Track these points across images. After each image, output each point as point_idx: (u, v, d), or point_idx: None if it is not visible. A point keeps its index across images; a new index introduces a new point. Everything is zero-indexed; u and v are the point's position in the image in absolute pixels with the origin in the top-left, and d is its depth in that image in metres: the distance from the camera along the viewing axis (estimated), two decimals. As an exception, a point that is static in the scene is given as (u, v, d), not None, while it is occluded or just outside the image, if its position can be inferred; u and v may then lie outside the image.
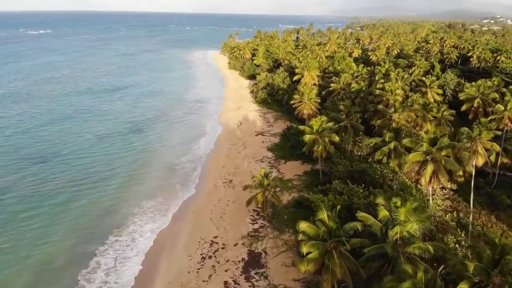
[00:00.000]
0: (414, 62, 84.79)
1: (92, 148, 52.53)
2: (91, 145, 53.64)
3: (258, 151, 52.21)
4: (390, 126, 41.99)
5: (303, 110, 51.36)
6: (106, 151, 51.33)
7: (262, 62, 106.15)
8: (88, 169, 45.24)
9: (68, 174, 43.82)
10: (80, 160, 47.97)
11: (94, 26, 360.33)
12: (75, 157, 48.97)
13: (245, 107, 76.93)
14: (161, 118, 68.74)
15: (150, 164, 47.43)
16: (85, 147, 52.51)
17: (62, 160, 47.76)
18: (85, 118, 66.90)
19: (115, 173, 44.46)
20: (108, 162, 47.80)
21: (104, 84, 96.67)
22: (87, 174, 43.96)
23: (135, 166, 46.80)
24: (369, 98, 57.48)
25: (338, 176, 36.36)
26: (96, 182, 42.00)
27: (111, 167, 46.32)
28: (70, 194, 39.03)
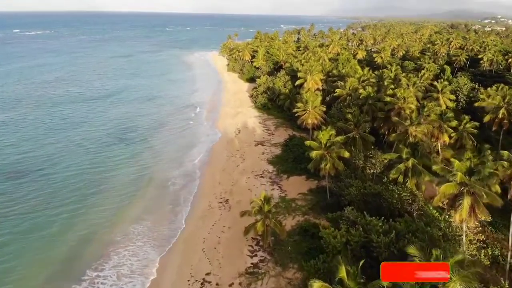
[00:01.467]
0: (423, 65, 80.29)
1: (76, 161, 47.93)
2: (76, 157, 49.02)
3: (257, 164, 47.65)
4: (406, 140, 37.43)
5: (307, 120, 46.84)
6: (91, 165, 46.72)
7: (262, 64, 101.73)
8: (68, 187, 40.64)
9: (44, 192, 39.21)
10: (60, 176, 43.36)
11: (92, 27, 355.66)
12: (56, 172, 44.36)
13: (244, 113, 72.37)
14: (153, 126, 64.10)
15: (139, 180, 42.82)
16: (68, 160, 47.89)
17: (40, 176, 43.14)
18: (74, 126, 62.11)
19: (98, 191, 39.90)
20: (92, 177, 43.21)
21: (97, 88, 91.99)
22: (67, 193, 39.38)
23: (121, 182, 42.19)
24: (378, 105, 53.04)
25: (349, 200, 31.80)
26: (76, 203, 37.42)
27: (94, 183, 41.75)
28: (43, 218, 34.44)
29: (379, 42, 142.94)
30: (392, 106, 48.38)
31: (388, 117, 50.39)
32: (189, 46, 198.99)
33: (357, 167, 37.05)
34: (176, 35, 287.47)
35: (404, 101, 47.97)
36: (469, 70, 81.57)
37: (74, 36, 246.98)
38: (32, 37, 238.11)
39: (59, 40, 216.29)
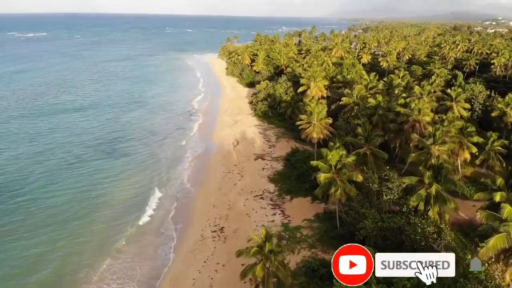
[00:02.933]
0: (433, 70, 75.79)
1: (56, 179, 43.18)
2: (57, 175, 44.25)
3: (257, 182, 42.98)
4: (428, 161, 32.82)
5: (312, 134, 42.23)
6: (72, 185, 41.95)
7: (262, 68, 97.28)
8: (44, 212, 35.93)
9: (17, 219, 34.47)
10: (36, 198, 38.63)
11: (90, 29, 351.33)
12: (31, 193, 39.62)
13: (243, 122, 67.78)
14: (144, 136, 59.39)
15: (121, 204, 38.07)
16: (47, 179, 43.12)
17: (12, 197, 38.39)
18: (60, 138, 57.03)
19: (71, 217, 35.13)
20: (71, 200, 38.51)
21: (88, 95, 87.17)
22: (42, 219, 34.68)
23: (102, 206, 37.45)
24: (389, 116, 48.53)
25: (364, 235, 27.16)
26: (49, 233, 32.73)
27: (74, 208, 37.04)
28: (10, 252, 29.73)
29: (383, 45, 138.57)
30: (406, 119, 43.82)
31: (401, 129, 46.01)
32: (188, 48, 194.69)
33: (371, 191, 32.40)
34: (174, 37, 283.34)
35: (419, 113, 43.42)
36: (482, 76, 77.05)
37: (71, 39, 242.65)
38: (28, 39, 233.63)
39: (55, 43, 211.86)
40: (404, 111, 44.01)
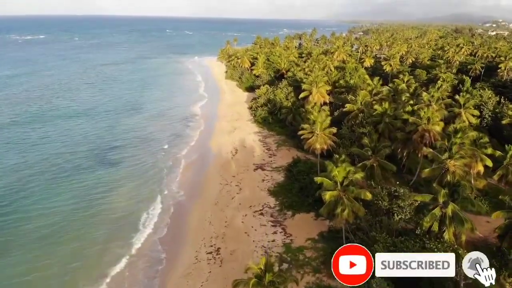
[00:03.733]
0: (438, 75, 73.35)
1: (42, 194, 40.55)
2: (44, 189, 41.60)
3: (257, 195, 40.42)
4: (443, 177, 30.25)
5: (315, 145, 39.67)
6: (57, 202, 39.22)
7: (262, 72, 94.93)
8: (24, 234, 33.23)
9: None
10: (18, 217, 36.04)
11: (90, 31, 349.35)
12: (15, 211, 37.10)
13: (242, 128, 65.28)
14: (139, 144, 56.82)
15: (112, 221, 35.48)
16: (33, 193, 40.56)
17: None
18: (52, 147, 54.21)
19: (62, 239, 32.59)
20: (55, 219, 35.87)
21: (84, 100, 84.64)
22: (24, 241, 32.12)
23: (91, 225, 34.83)
24: (396, 124, 46.06)
25: (375, 262, 24.50)
26: (32, 253, 30.15)
27: (57, 228, 34.41)
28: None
29: (385, 48, 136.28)
30: (415, 128, 41.30)
31: (409, 139, 43.52)
32: (187, 51, 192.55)
33: (381, 209, 29.83)
34: (174, 39, 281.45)
35: (428, 122, 40.92)
36: (489, 81, 74.57)
37: (69, 41, 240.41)
38: (25, 42, 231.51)
39: (53, 45, 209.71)
40: (413, 120, 41.49)
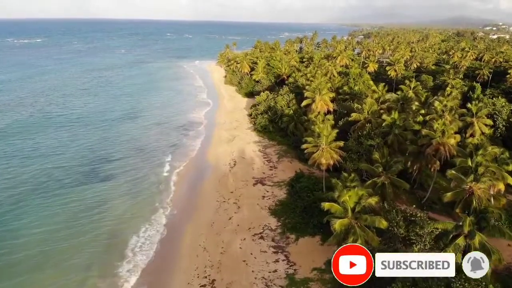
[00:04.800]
0: (446, 81, 70.15)
1: (21, 214, 37.21)
2: (21, 209, 38.24)
3: (256, 215, 37.00)
4: (468, 203, 26.85)
5: (321, 160, 36.31)
6: (39, 222, 35.82)
7: (262, 77, 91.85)
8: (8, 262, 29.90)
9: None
10: None
11: (89, 35, 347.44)
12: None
13: (241, 137, 61.98)
14: (132, 155, 53.49)
15: (96, 246, 32.10)
16: (10, 214, 37.07)
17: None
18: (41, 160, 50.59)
19: (42, 267, 29.19)
20: (36, 242, 32.54)
21: (77, 107, 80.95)
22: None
23: (73, 250, 31.41)
24: (406, 135, 42.76)
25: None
26: (6, 282, 26.74)
27: (36, 252, 31.07)
28: None
29: (388, 52, 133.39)
30: (428, 141, 37.99)
31: (421, 152, 40.21)
32: (187, 54, 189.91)
33: (396, 237, 26.42)
34: (174, 43, 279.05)
35: (442, 135, 37.61)
36: (499, 87, 71.34)
37: (67, 45, 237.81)
38: (24, 45, 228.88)
39: (51, 49, 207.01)
40: (426, 132, 38.18)
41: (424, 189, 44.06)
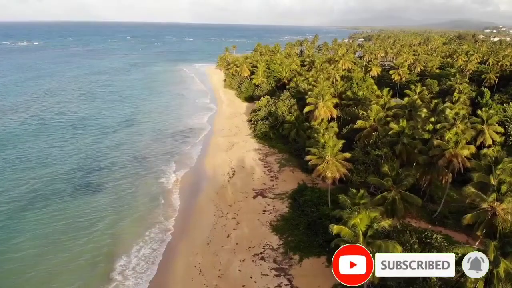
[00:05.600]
0: (453, 86, 67.77)
1: (5, 230, 34.72)
2: (5, 225, 35.79)
3: (257, 232, 34.42)
4: (491, 225, 24.28)
5: (326, 173, 33.77)
6: (24, 239, 33.45)
7: (262, 81, 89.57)
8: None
9: None
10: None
11: (88, 37, 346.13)
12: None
13: (241, 145, 59.53)
14: (126, 164, 50.96)
15: (82, 266, 29.50)
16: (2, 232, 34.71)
17: None
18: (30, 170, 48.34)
19: None
20: (19, 259, 30.00)
21: (72, 113, 78.44)
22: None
23: (58, 271, 28.88)
24: (416, 144, 40.28)
25: None
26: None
27: (18, 271, 28.50)
28: None
29: (390, 55, 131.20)
30: (440, 152, 35.52)
31: (432, 163, 37.73)
32: (186, 57, 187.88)
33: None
34: (174, 46, 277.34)
35: (455, 146, 35.16)
36: (508, 92, 68.94)
37: (66, 48, 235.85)
38: (23, 48, 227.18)
39: (49, 52, 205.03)
40: (438, 143, 35.70)
41: (434, 201, 41.57)
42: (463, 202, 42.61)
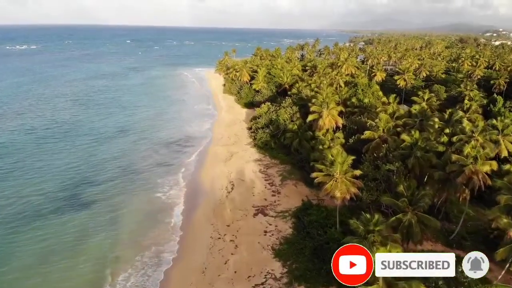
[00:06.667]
0: (463, 92, 64.72)
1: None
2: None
3: (257, 257, 31.13)
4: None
5: (335, 192, 30.51)
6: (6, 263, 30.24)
7: (262, 87, 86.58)
8: None
9: None
10: None
11: (87, 41, 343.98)
12: None
13: (240, 155, 56.38)
14: (118, 177, 47.76)
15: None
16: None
17: None
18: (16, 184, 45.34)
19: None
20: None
21: (65, 121, 74.98)
22: None
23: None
24: (430, 158, 37.13)
25: None
26: None
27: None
28: None
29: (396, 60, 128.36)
30: (459, 169, 32.36)
31: (448, 179, 34.57)
32: (185, 62, 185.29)
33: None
34: (173, 49, 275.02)
35: (475, 162, 32.02)
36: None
37: (64, 52, 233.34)
38: (21, 52, 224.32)
39: (47, 56, 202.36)
40: (457, 158, 32.54)
41: (450, 220, 38.39)
42: (481, 220, 39.78)
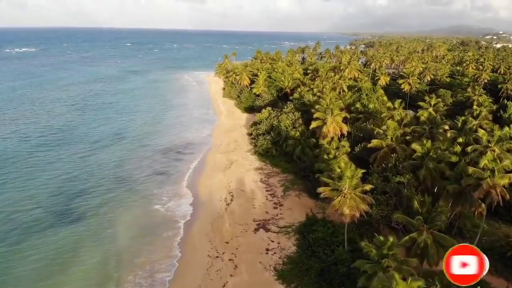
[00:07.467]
0: (471, 97, 62.45)
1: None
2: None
3: (259, 279, 28.65)
4: None
5: (343, 209, 28.06)
6: None
7: (263, 91, 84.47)
8: None
9: None
10: None
11: (84, 44, 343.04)
12: None
13: (240, 163, 54.02)
14: (110, 187, 45.32)
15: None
16: None
17: None
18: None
19: None
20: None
21: (59, 127, 72.51)
22: None
23: None
24: (442, 169, 34.80)
25: None
26: None
27: None
28: None
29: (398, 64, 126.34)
30: (476, 182, 29.99)
31: (462, 192, 32.20)
32: (184, 65, 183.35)
33: None
34: (173, 52, 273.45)
35: (493, 175, 29.66)
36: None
37: (63, 55, 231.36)
38: (20, 55, 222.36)
39: (45, 59, 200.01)
40: (473, 171, 30.18)
41: (463, 235, 35.98)
42: (495, 234, 37.42)
